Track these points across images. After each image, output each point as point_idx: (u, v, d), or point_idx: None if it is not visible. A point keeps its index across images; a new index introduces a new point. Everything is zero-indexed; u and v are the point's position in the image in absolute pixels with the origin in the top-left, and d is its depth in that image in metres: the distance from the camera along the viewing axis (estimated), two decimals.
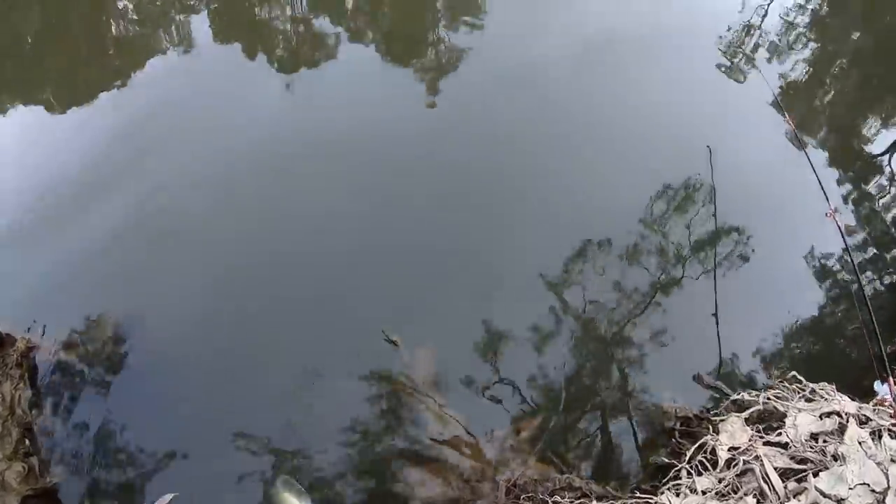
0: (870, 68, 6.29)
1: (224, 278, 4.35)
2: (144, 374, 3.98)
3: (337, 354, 3.96)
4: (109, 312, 4.17)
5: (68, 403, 3.88)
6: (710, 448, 3.58)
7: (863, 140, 5.90)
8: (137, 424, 3.82)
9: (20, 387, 3.89)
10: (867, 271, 4.84)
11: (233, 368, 3.94)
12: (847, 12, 6.78)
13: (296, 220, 4.80)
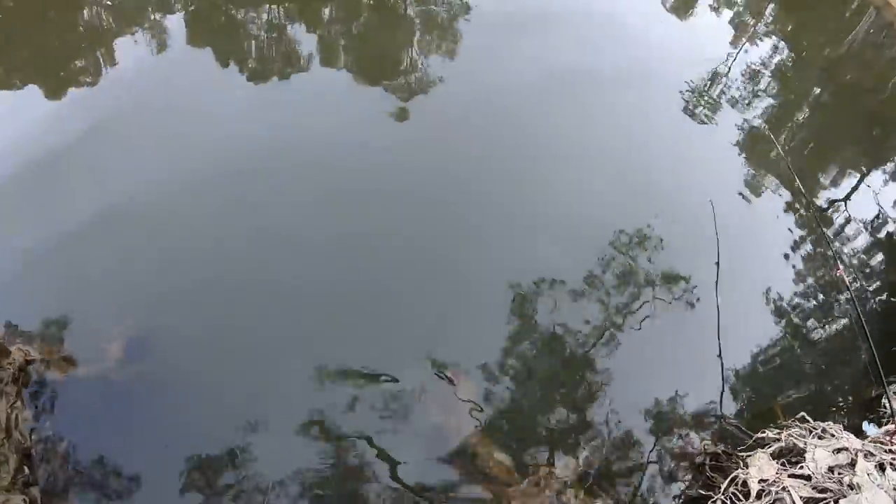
0: (827, 122, 6.84)
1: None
2: (153, 391, 3.59)
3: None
4: (109, 323, 3.74)
5: (70, 425, 3.42)
6: (741, 481, 3.80)
7: (820, 187, 6.40)
8: (145, 449, 3.45)
9: (17, 405, 3.41)
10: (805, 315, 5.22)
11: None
12: (809, 68, 7.26)
13: (253, 226, 4.57)
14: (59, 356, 3.49)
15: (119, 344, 3.53)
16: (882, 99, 6.66)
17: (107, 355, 3.52)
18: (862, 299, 5.13)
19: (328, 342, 3.92)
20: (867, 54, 7.06)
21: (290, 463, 3.47)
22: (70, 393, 3.47)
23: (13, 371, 3.43)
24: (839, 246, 5.55)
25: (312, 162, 5.05)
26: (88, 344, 3.57)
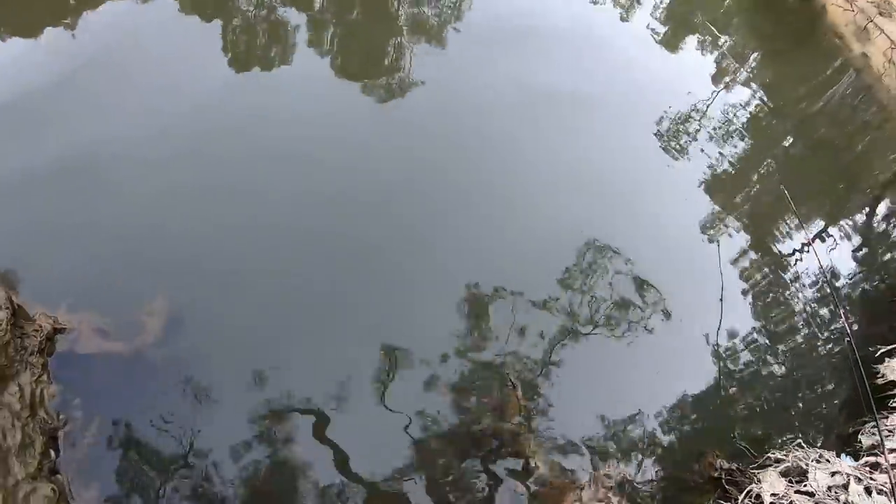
0: (794, 172, 7.45)
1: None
2: (188, 373, 3.27)
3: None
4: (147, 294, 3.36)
5: (100, 405, 3.03)
6: (755, 494, 4.09)
7: (774, 238, 6.89)
8: (176, 434, 3.13)
9: (43, 380, 2.98)
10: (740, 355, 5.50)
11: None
12: (784, 118, 7.64)
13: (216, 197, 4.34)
14: (90, 327, 3.08)
15: (159, 321, 3.16)
16: (850, 158, 7.13)
17: (145, 331, 3.14)
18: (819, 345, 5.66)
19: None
20: (842, 113, 7.56)
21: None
22: (102, 368, 3.07)
23: (39, 340, 2.99)
24: (795, 290, 6.01)
25: (282, 153, 4.87)
26: (126, 317, 3.18)
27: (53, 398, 2.97)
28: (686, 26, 8.56)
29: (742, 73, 8.20)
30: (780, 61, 8.17)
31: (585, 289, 5.00)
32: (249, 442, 3.24)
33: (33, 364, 2.96)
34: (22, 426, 2.85)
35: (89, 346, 3.06)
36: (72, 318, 3.12)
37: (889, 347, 5.12)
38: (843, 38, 7.54)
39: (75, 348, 3.06)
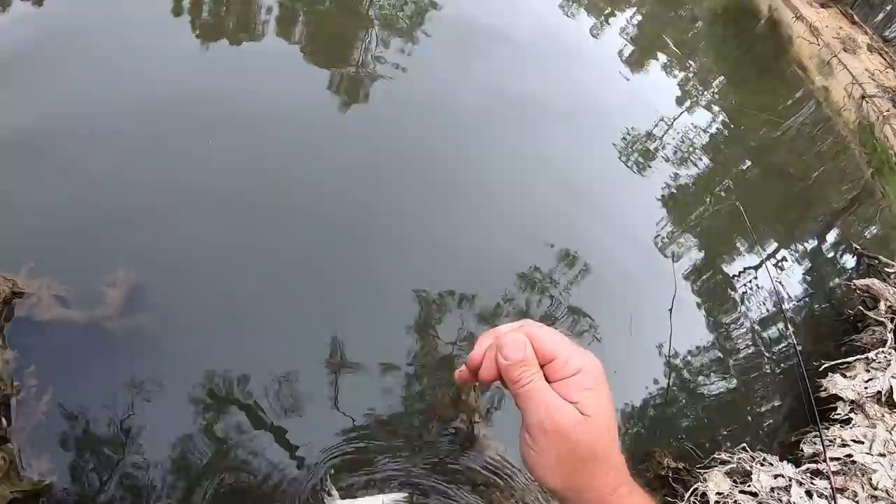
0: (747, 196, 7.69)
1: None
2: (150, 347, 3.19)
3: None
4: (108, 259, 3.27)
5: (56, 373, 2.93)
6: (701, 492, 4.23)
7: (727, 256, 7.06)
8: (135, 406, 3.04)
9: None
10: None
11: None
12: (742, 143, 7.97)
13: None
14: (50, 294, 2.98)
15: (121, 291, 3.08)
16: (803, 187, 7.42)
17: (106, 301, 3.06)
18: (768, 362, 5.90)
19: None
20: (799, 143, 7.84)
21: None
22: (59, 337, 2.98)
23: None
24: (744, 308, 6.24)
25: (243, 132, 4.78)
26: (86, 286, 3.09)
27: (7, 364, 2.87)
28: (654, 46, 8.87)
29: (706, 95, 8.53)
30: (744, 87, 8.52)
31: (540, 293, 5.10)
32: (204, 421, 3.19)
33: None
34: None
35: (48, 314, 2.95)
36: (31, 283, 3.03)
37: (833, 363, 5.40)
38: (807, 70, 7.94)
39: (33, 314, 2.95)
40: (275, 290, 3.86)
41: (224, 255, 3.75)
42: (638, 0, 9.06)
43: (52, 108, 4.25)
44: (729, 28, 8.86)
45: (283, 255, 4.12)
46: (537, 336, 0.91)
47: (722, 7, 9.19)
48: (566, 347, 0.91)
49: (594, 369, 0.92)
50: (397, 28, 7.21)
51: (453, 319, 4.45)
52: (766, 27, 8.76)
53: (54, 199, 3.58)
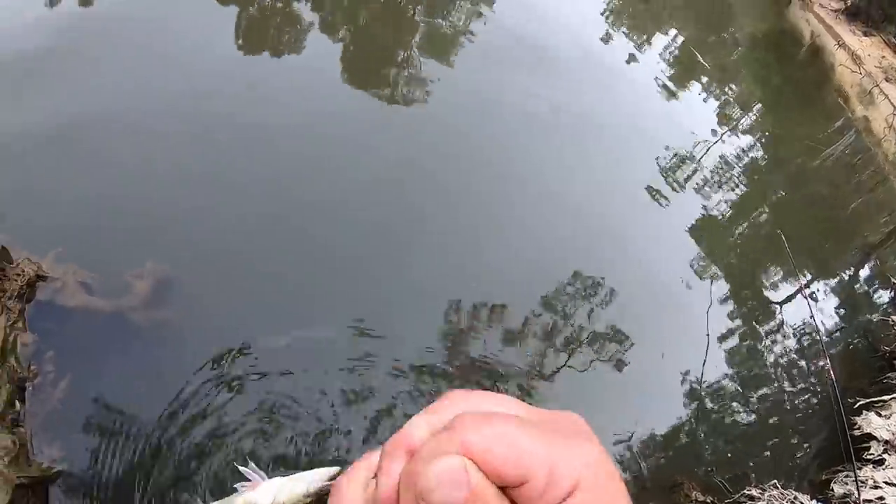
0: (784, 225, 7.50)
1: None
2: (171, 341, 3.15)
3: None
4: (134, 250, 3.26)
5: (74, 361, 2.91)
6: None
7: (760, 285, 6.92)
8: (150, 400, 2.99)
9: (18, 326, 2.85)
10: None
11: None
12: (780, 171, 7.84)
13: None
14: (75, 280, 2.97)
15: (148, 283, 3.06)
16: (841, 217, 7.27)
17: (133, 292, 3.03)
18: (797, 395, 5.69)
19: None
20: (837, 172, 7.71)
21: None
22: (81, 324, 2.96)
23: (20, 285, 2.87)
24: (777, 338, 6.05)
25: (278, 139, 4.78)
26: (113, 276, 3.07)
27: (26, 347, 2.85)
28: (695, 69, 8.75)
29: (745, 120, 8.38)
30: (784, 114, 8.34)
31: (566, 316, 4.98)
32: (219, 416, 3.14)
33: (10, 308, 2.84)
34: None
35: (72, 300, 2.94)
36: (57, 268, 3.02)
37: (868, 400, 5.19)
38: (848, 99, 7.76)
39: (56, 299, 2.94)
40: (300, 290, 3.82)
41: (251, 254, 3.73)
42: (680, 22, 8.97)
43: (88, 102, 4.30)
44: (770, 53, 8.70)
45: (313, 254, 4.10)
46: (489, 446, 0.47)
47: (763, 32, 9.05)
48: (544, 454, 0.48)
49: (597, 476, 0.49)
50: (440, 36, 7.23)
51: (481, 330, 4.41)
52: (808, 54, 8.61)
53: (87, 189, 3.59)
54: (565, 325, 4.91)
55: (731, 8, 9.29)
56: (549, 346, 4.63)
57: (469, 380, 3.86)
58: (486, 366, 4.03)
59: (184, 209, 3.64)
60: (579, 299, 5.20)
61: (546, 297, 4.95)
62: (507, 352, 4.25)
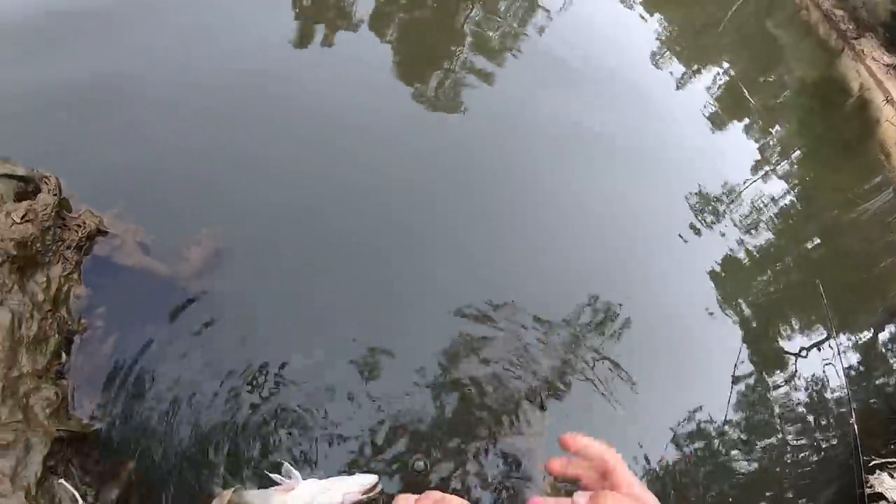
0: (808, 276, 7.47)
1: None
2: (225, 305, 3.10)
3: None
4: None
5: (127, 319, 2.87)
6: None
7: (779, 332, 6.92)
8: (201, 365, 2.95)
9: (73, 278, 2.81)
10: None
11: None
12: (812, 221, 7.72)
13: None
14: (134, 239, 2.93)
15: (204, 251, 3.02)
16: (868, 275, 7.20)
17: (189, 258, 2.99)
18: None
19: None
20: (870, 230, 7.59)
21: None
22: (136, 284, 2.91)
23: (79, 236, 2.83)
24: (785, 392, 6.02)
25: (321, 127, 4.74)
26: (171, 240, 3.03)
27: (79, 300, 2.81)
28: (739, 107, 8.72)
29: (783, 165, 8.33)
30: (823, 163, 8.30)
31: (576, 341, 4.95)
32: (259, 393, 3.09)
33: (67, 259, 2.80)
34: (40, 319, 2.68)
35: (129, 259, 2.89)
36: (118, 224, 2.98)
37: (883, 461, 5.17)
38: (890, 156, 7.73)
39: (113, 256, 2.89)
40: (341, 280, 3.79)
41: (302, 238, 3.68)
42: (731, 57, 8.94)
43: (165, 60, 4.29)
44: (816, 101, 8.67)
45: (353, 245, 4.06)
46: None
47: (812, 79, 9.02)
48: None
49: None
50: (487, 46, 7.22)
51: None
52: (855, 106, 8.57)
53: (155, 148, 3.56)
54: (573, 348, 4.89)
55: (782, 50, 9.25)
56: (553, 368, 4.62)
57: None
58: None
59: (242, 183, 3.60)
60: (593, 324, 5.20)
61: (558, 323, 4.91)
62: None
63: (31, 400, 2.57)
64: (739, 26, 9.35)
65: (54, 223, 2.79)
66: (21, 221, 2.67)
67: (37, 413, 2.56)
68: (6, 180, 2.83)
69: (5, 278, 2.61)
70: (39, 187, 2.84)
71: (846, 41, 8.68)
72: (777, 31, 9.15)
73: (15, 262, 2.65)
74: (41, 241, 2.73)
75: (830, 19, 8.81)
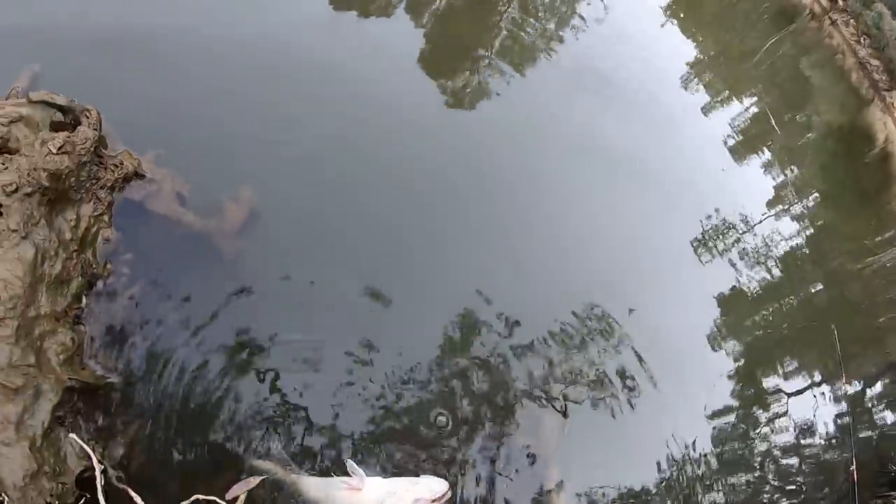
0: (807, 320, 7.50)
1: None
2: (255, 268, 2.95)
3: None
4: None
5: (154, 269, 2.72)
6: None
7: (770, 373, 6.92)
8: (226, 325, 2.81)
9: (103, 220, 2.65)
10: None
11: None
12: (819, 265, 7.69)
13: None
14: (171, 187, 2.76)
15: (242, 210, 2.87)
16: (868, 327, 7.09)
17: (225, 215, 2.84)
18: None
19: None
20: (875, 282, 7.50)
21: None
22: (167, 234, 2.76)
23: (115, 177, 2.66)
24: (768, 432, 6.03)
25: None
26: (209, 193, 2.87)
27: (107, 243, 2.65)
28: (761, 141, 8.69)
29: (797, 206, 8.34)
30: (837, 210, 8.35)
31: (567, 352, 4.90)
32: (278, 356, 2.95)
33: (100, 199, 2.63)
34: (65, 258, 2.52)
35: (163, 207, 2.73)
36: (156, 170, 2.81)
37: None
38: None
39: (147, 202, 2.73)
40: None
41: (338, 208, 3.55)
42: (761, 91, 8.90)
43: (220, 16, 4.10)
44: (840, 146, 8.65)
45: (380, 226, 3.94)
46: None
47: (839, 124, 9.01)
48: None
49: None
50: (518, 45, 7.10)
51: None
52: (878, 157, 8.59)
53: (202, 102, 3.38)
54: (564, 360, 4.83)
55: (813, 91, 9.23)
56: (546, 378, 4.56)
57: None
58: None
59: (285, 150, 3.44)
60: (588, 338, 5.15)
61: (554, 331, 4.86)
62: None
63: (45, 343, 2.41)
64: (774, 61, 9.32)
65: (91, 160, 2.62)
66: (57, 153, 2.50)
67: (50, 358, 2.41)
68: (44, 108, 2.66)
69: (34, 210, 2.44)
70: (79, 120, 2.67)
71: (878, 91, 8.68)
72: (811, 71, 9.09)
73: (46, 194, 2.48)
74: (76, 177, 2.56)
75: (865, 68, 8.80)
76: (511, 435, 3.47)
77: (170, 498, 2.52)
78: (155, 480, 2.58)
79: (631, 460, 4.75)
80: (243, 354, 2.78)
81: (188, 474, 2.62)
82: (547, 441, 3.56)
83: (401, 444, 3.02)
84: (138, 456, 2.54)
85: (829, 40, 10.13)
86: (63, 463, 2.31)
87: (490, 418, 3.59)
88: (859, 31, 9.34)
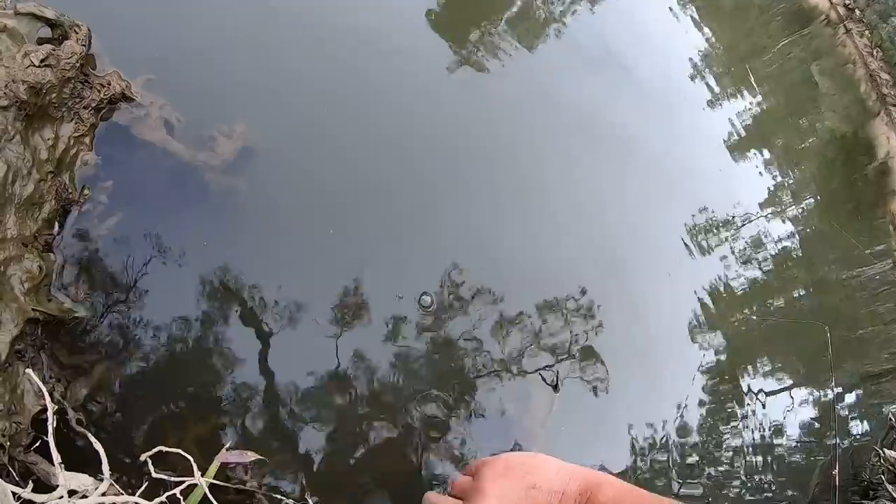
0: (790, 325, 7.57)
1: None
2: (244, 210, 2.76)
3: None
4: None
5: (135, 201, 2.52)
6: None
7: (751, 372, 6.95)
8: (207, 265, 2.63)
9: (84, 142, 2.42)
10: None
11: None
12: (808, 272, 7.96)
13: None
14: (160, 114, 2.55)
15: (235, 144, 2.67)
16: (848, 337, 7.21)
17: (216, 149, 2.64)
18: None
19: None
20: (860, 294, 7.53)
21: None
22: (152, 164, 2.55)
23: (101, 98, 2.44)
24: (740, 428, 6.04)
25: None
26: (200, 124, 2.66)
27: (86, 167, 2.44)
28: (761, 142, 8.64)
29: (791, 210, 8.33)
30: (830, 218, 8.39)
31: (553, 329, 4.82)
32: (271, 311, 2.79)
33: (82, 119, 2.41)
34: (38, 180, 2.30)
35: (150, 134, 2.52)
36: (145, 94, 2.59)
37: None
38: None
39: (134, 127, 2.51)
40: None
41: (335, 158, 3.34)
42: (768, 91, 8.80)
43: None
44: (840, 155, 8.62)
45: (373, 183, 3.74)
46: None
47: (842, 132, 8.98)
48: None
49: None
50: (525, 19, 6.89)
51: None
52: (876, 171, 8.60)
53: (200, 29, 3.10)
54: (547, 336, 4.76)
55: (819, 97, 9.17)
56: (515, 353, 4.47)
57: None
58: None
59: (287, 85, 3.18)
60: (562, 317, 5.08)
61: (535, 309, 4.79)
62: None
63: (9, 269, 2.21)
64: (784, 62, 9.22)
65: (76, 77, 2.40)
66: (39, 65, 2.27)
67: (13, 286, 2.21)
68: (31, 20, 2.41)
69: (8, 125, 2.22)
70: (68, 35, 2.43)
71: (884, 105, 8.64)
72: (820, 77, 9.01)
73: (23, 108, 2.26)
74: (57, 93, 2.34)
75: (874, 80, 8.74)
76: (496, 410, 3.38)
77: (134, 447, 2.38)
78: (120, 427, 2.42)
79: (603, 445, 4.74)
80: (224, 298, 2.62)
81: (156, 423, 2.46)
82: (535, 417, 3.48)
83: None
84: (103, 399, 2.37)
85: (842, 49, 10.07)
86: (20, 401, 2.13)
87: (472, 395, 3.50)
88: (873, 44, 9.29)
